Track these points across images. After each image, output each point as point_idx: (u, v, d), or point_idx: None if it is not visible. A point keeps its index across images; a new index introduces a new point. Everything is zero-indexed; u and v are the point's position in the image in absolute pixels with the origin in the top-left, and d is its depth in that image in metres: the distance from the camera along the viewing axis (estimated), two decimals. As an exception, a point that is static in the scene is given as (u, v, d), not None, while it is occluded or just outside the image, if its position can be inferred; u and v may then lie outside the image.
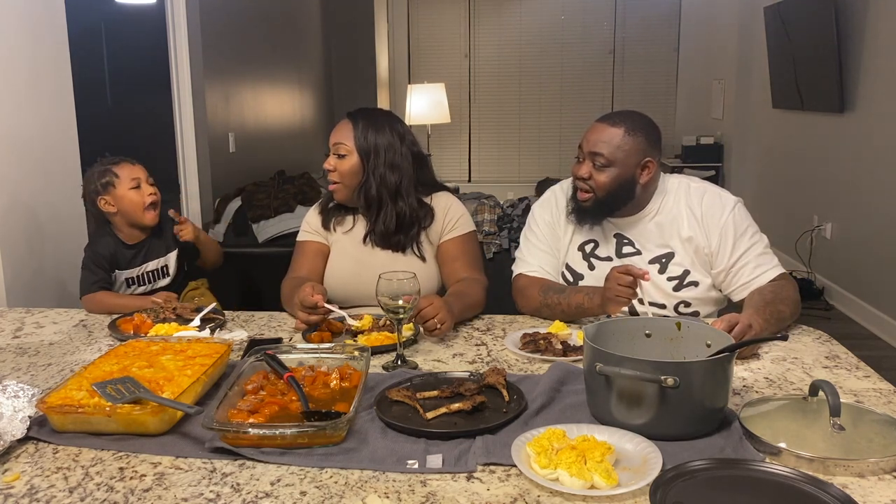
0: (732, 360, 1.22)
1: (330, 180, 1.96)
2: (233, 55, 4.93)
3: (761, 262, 1.75)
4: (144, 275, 2.23)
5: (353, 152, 1.92)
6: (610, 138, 1.72)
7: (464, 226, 1.98)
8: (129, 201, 2.15)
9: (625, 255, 1.82)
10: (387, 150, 1.93)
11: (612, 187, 1.73)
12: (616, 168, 1.72)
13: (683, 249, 1.78)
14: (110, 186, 2.15)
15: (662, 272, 1.79)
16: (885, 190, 4.00)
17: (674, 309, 1.79)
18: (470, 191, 4.82)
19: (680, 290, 1.78)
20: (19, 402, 1.24)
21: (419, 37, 7.79)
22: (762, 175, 5.85)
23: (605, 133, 1.73)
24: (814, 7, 4.54)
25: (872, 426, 1.19)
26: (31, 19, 2.65)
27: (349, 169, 1.92)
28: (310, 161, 6.48)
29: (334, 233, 2.01)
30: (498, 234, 3.55)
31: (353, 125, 1.94)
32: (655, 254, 1.80)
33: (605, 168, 1.72)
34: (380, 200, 1.92)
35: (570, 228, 1.87)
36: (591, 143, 1.74)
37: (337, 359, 1.43)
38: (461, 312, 1.76)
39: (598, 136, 1.74)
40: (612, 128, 1.73)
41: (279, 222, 4.50)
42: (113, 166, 2.17)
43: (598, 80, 7.55)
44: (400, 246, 1.95)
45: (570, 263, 1.87)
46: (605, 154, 1.72)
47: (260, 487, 1.06)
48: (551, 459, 1.06)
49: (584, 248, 1.86)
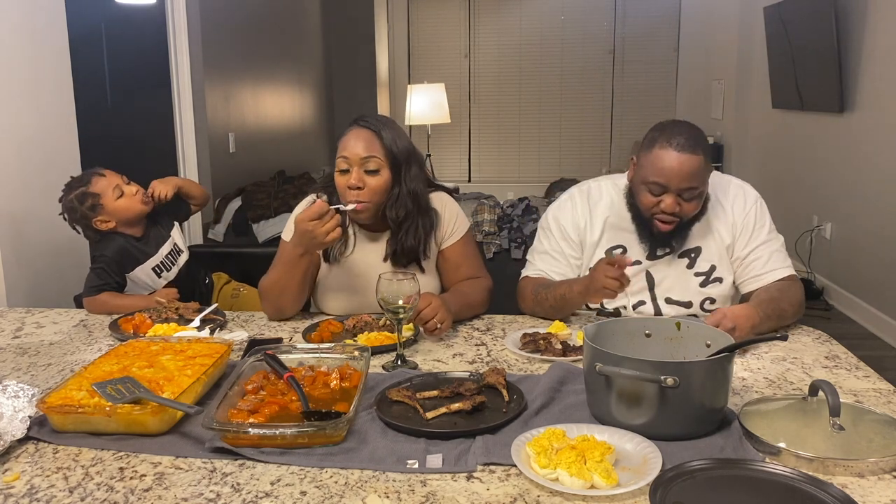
0: (732, 360, 1.22)
1: (354, 200, 1.72)
2: (233, 55, 4.93)
3: (774, 259, 1.78)
4: (166, 259, 2.21)
5: (385, 165, 1.74)
6: (697, 170, 1.63)
7: (463, 226, 1.92)
8: (122, 209, 2.13)
9: (658, 258, 1.79)
10: (411, 155, 1.80)
11: (698, 208, 1.70)
12: (703, 189, 1.68)
13: (710, 244, 1.79)
14: (98, 207, 2.10)
15: (691, 267, 1.80)
16: (885, 190, 4.00)
17: (700, 306, 1.80)
18: (470, 191, 4.83)
19: (706, 287, 1.79)
20: (19, 402, 1.24)
21: (419, 37, 7.79)
22: (762, 175, 5.85)
23: (691, 165, 1.62)
24: (814, 7, 4.54)
25: (872, 426, 1.19)
26: (31, 19, 2.65)
27: (383, 185, 1.74)
28: (310, 161, 6.48)
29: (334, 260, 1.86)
30: (498, 234, 3.55)
31: (376, 134, 1.74)
32: (684, 248, 1.79)
33: (695, 198, 1.67)
34: (407, 214, 1.79)
35: (599, 230, 1.82)
36: (682, 178, 1.62)
37: (337, 359, 1.43)
38: (459, 310, 1.75)
39: (686, 169, 1.61)
40: (695, 157, 1.62)
41: (279, 222, 4.51)
42: (88, 187, 2.10)
43: (598, 80, 7.55)
44: (420, 258, 1.83)
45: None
46: (697, 187, 1.65)
47: (260, 487, 1.06)
48: (551, 459, 1.06)
49: (612, 253, 1.80)
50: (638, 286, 1.80)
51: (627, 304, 1.81)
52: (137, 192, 2.15)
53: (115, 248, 2.13)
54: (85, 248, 2.93)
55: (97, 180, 2.12)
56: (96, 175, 2.14)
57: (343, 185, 1.75)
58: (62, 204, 2.14)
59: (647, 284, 1.81)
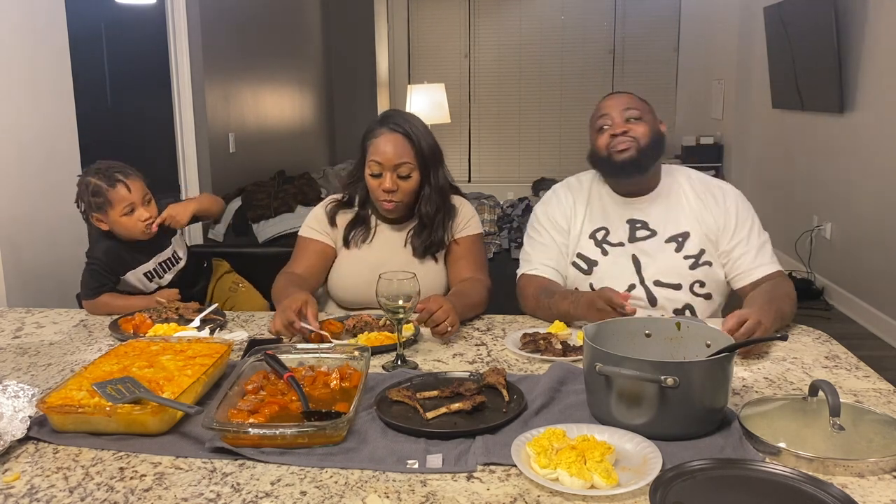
0: (732, 360, 1.22)
1: (387, 199, 1.86)
2: (233, 55, 4.93)
3: (762, 255, 1.82)
4: (160, 266, 2.16)
5: (416, 168, 1.85)
6: (631, 100, 1.86)
7: (475, 226, 1.99)
8: (121, 226, 2.06)
9: (638, 239, 1.85)
10: (436, 153, 1.91)
11: (650, 135, 1.82)
12: (647, 118, 1.84)
13: (696, 229, 1.84)
14: (102, 209, 2.05)
15: (679, 251, 1.83)
16: (885, 190, 4.00)
17: (689, 289, 1.82)
18: (470, 191, 4.83)
19: (696, 269, 1.82)
20: (19, 402, 1.24)
21: (419, 37, 7.79)
22: (762, 175, 5.85)
23: (626, 97, 1.87)
24: (814, 7, 4.54)
25: (872, 426, 1.19)
26: (31, 19, 2.65)
27: (415, 186, 1.88)
28: (310, 161, 6.48)
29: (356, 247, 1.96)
30: (498, 234, 3.56)
31: (408, 138, 1.85)
32: (671, 233, 1.84)
33: (639, 120, 1.83)
34: (437, 209, 1.90)
35: (581, 218, 1.91)
36: (620, 104, 1.84)
37: (337, 359, 1.43)
38: (462, 311, 1.76)
39: (621, 99, 1.86)
40: (627, 94, 1.89)
41: (279, 222, 4.51)
42: (108, 189, 2.02)
43: (598, 80, 7.54)
44: (438, 250, 1.93)
45: (582, 252, 1.89)
46: (636, 108, 1.84)
47: (260, 487, 1.06)
48: (551, 459, 1.06)
49: (596, 235, 1.89)
50: (626, 269, 1.84)
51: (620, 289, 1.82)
52: (147, 220, 2.07)
53: (106, 250, 2.09)
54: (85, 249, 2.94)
55: (120, 189, 2.03)
56: (123, 184, 2.04)
57: (376, 188, 1.86)
58: (80, 178, 2.09)
59: (633, 267, 1.84)
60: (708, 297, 1.83)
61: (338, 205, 2.01)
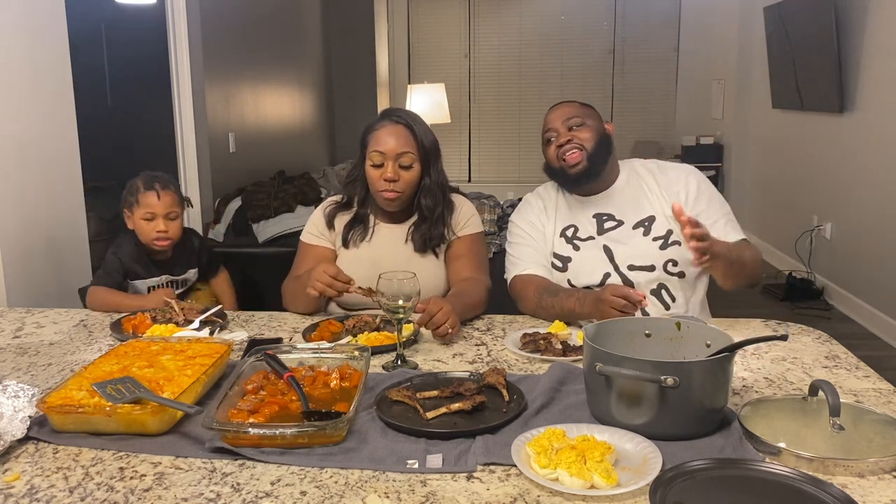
0: (732, 360, 1.22)
1: (388, 189, 1.86)
2: (233, 55, 4.93)
3: (726, 226, 1.88)
4: (165, 284, 2.25)
5: (417, 160, 1.88)
6: (573, 108, 1.95)
7: (475, 225, 2.00)
8: (139, 229, 2.19)
9: (607, 230, 1.90)
10: (436, 149, 1.94)
11: (595, 138, 1.88)
12: (592, 123, 1.91)
13: (660, 212, 1.89)
14: (132, 206, 2.18)
15: (647, 234, 1.88)
16: (885, 190, 4.00)
17: (662, 268, 1.84)
18: (470, 191, 4.81)
19: (666, 249, 1.85)
20: (19, 402, 1.24)
21: (419, 37, 7.79)
22: (762, 175, 5.85)
23: (568, 106, 1.96)
24: (814, 7, 4.54)
25: (872, 426, 1.19)
26: (31, 19, 2.65)
27: (416, 177, 1.89)
28: (310, 161, 6.48)
29: (354, 246, 1.96)
30: (498, 234, 3.55)
31: (409, 129, 1.87)
32: (637, 219, 1.90)
33: (582, 126, 1.90)
34: (436, 203, 1.92)
35: (552, 219, 1.97)
36: (563, 114, 1.92)
37: (337, 359, 1.43)
38: (462, 311, 1.76)
39: (563, 109, 1.95)
40: (569, 103, 1.98)
41: (279, 222, 4.50)
42: (141, 192, 2.17)
43: (598, 80, 7.54)
44: (438, 245, 1.95)
45: (556, 251, 1.94)
46: (578, 115, 1.91)
47: (260, 487, 1.06)
48: (551, 459, 1.06)
49: (566, 233, 1.94)
50: (599, 260, 1.88)
51: (595, 281, 1.86)
52: (160, 232, 2.16)
53: (126, 252, 2.20)
54: (85, 249, 2.94)
55: (150, 195, 2.16)
56: (155, 192, 2.16)
57: (377, 178, 1.87)
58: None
59: (606, 256, 1.87)
60: (681, 275, 1.85)
61: (336, 207, 2.01)
